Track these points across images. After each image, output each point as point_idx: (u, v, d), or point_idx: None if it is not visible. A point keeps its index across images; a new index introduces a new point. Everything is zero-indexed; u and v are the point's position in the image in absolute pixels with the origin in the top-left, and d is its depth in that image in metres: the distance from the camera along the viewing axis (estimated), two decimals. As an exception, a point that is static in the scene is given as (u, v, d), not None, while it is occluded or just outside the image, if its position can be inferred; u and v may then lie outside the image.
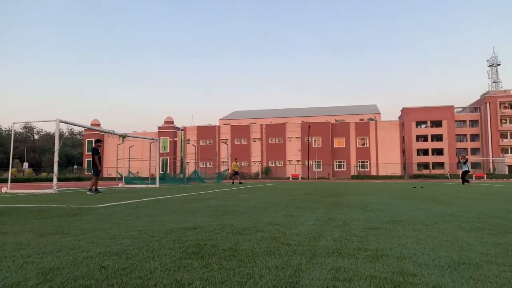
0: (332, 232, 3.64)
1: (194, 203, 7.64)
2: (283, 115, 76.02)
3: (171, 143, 70.93)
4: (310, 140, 61.62)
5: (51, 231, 3.80)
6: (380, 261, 2.46)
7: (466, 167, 20.88)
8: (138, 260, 2.50)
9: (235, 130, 66.81)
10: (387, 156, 61.50)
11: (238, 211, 5.76)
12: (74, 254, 2.67)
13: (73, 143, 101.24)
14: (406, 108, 77.51)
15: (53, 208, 6.55)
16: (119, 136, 18.32)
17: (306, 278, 2.06)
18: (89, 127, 17.37)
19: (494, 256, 2.59)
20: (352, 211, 5.73)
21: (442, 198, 9.02)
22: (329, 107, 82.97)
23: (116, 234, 3.56)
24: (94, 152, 12.78)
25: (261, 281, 2.00)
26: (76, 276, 2.10)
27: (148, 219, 4.76)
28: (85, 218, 4.90)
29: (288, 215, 5.23)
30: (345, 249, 2.85)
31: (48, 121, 15.23)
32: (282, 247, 2.93)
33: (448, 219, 4.67)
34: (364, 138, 63.32)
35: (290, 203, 7.46)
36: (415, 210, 5.96)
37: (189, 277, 2.09)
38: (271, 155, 64.81)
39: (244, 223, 4.32)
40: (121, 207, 6.62)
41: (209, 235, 3.48)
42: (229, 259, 2.52)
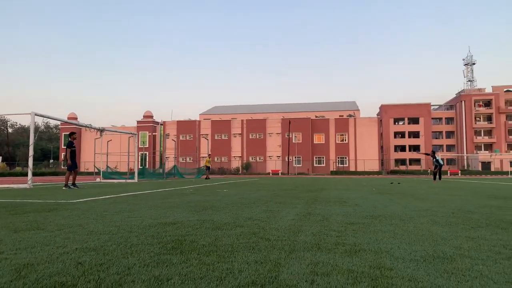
0: (311, 227, 3.68)
1: (173, 198, 7.58)
2: (264, 110, 76.10)
3: (150, 138, 70.09)
4: (290, 135, 61.96)
5: (26, 226, 3.70)
6: (357, 255, 2.50)
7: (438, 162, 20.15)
8: (116, 256, 2.46)
9: (216, 125, 66.52)
10: (366, 152, 62.45)
11: (218, 207, 5.74)
12: (49, 250, 2.62)
13: (49, 137, 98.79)
14: (385, 105, 78.77)
15: (28, 203, 6.38)
16: (96, 130, 17.97)
17: (285, 272, 2.08)
18: (65, 120, 16.95)
19: (467, 250, 2.67)
20: (331, 206, 5.80)
21: (418, 193, 9.22)
22: (309, 103, 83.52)
23: (93, 230, 3.50)
24: (69, 145, 12.35)
25: (241, 276, 2.00)
26: (51, 273, 2.05)
27: (126, 215, 4.70)
28: (61, 214, 4.80)
29: (268, 210, 5.25)
30: (323, 243, 2.88)
31: (22, 114, 14.81)
32: (262, 242, 2.94)
33: (424, 214, 4.78)
34: (343, 134, 64.07)
35: (270, 198, 7.49)
36: (392, 205, 6.08)
37: (168, 272, 2.07)
38: (252, 151, 64.86)
39: (224, 219, 4.31)
40: (99, 202, 6.50)
41: (188, 231, 3.46)
42: (208, 254, 2.52)
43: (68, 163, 12.21)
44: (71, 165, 12.17)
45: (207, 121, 68.16)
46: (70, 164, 12.20)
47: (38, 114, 13.64)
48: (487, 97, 76.88)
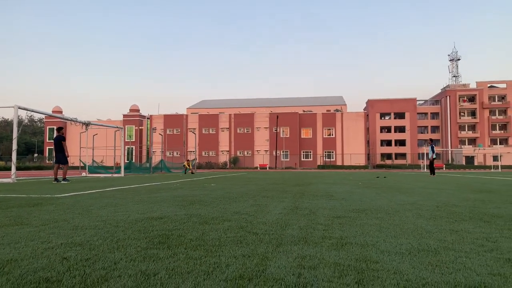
0: (298, 221, 3.69)
1: (160, 192, 7.53)
2: (252, 105, 76.02)
3: (137, 132, 69.48)
4: (278, 130, 62.09)
5: (9, 222, 3.64)
6: (344, 248, 2.53)
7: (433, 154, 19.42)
8: (102, 250, 2.44)
9: (203, 119, 66.25)
10: (352, 146, 62.99)
11: (205, 201, 5.73)
12: (33, 246, 2.58)
13: (33, 131, 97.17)
14: (371, 100, 79.43)
15: (11, 198, 6.27)
16: (82, 124, 17.73)
17: (272, 266, 2.09)
18: (50, 114, 16.66)
19: (451, 243, 2.72)
20: (318, 200, 5.84)
21: (404, 187, 9.35)
22: (297, 98, 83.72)
23: (79, 225, 3.45)
24: (63, 139, 12.46)
25: (228, 270, 2.00)
26: (35, 268, 2.02)
27: (113, 209, 4.65)
28: (46, 208, 4.73)
29: (255, 204, 5.26)
30: (310, 237, 2.90)
31: (6, 107, 14.51)
32: (249, 236, 2.94)
33: (409, 208, 4.85)
34: (330, 128, 64.47)
35: (258, 192, 7.51)
36: (378, 199, 6.14)
37: (154, 267, 2.06)
38: (239, 145, 64.83)
39: (211, 213, 4.31)
40: (84, 197, 6.43)
41: (175, 225, 3.45)
42: (195, 248, 2.51)
43: (68, 156, 12.50)
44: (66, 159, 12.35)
45: (194, 115, 67.82)
46: (69, 157, 12.59)
47: (21, 107, 13.38)
48: (472, 92, 78.13)
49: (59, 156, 12.40)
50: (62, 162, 12.35)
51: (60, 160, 12.39)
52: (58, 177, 12.16)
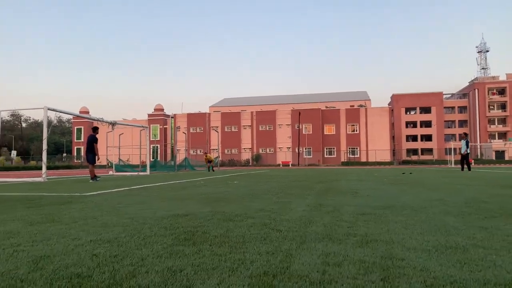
0: (322, 218, 3.68)
1: (185, 190, 7.64)
2: (274, 102, 75.88)
3: (162, 131, 70.52)
4: (300, 127, 61.78)
5: (41, 219, 3.77)
6: (369, 246, 2.50)
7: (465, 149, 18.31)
8: (130, 247, 2.50)
9: (225, 117, 66.60)
10: (377, 142, 62.00)
11: (228, 198, 5.78)
12: (65, 242, 2.67)
13: (62, 131, 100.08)
14: (396, 95, 77.94)
15: (42, 196, 6.50)
16: (108, 124, 18.14)
17: (296, 263, 2.09)
18: (77, 114, 17.14)
19: (480, 240, 2.65)
20: (342, 197, 5.79)
21: (431, 183, 9.15)
22: (319, 93, 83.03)
23: (107, 222, 3.55)
24: (95, 140, 12.81)
25: (252, 267, 2.02)
26: (67, 264, 2.10)
27: (139, 207, 4.75)
28: (75, 206, 4.88)
29: (278, 201, 5.26)
30: (335, 234, 2.89)
31: (36, 109, 15.01)
32: (273, 233, 2.95)
33: (436, 204, 4.75)
34: (354, 124, 63.64)
35: (281, 189, 7.51)
36: (404, 195, 6.04)
37: (180, 263, 2.10)
38: (262, 142, 64.87)
39: (235, 210, 4.34)
40: (112, 195, 6.59)
41: (200, 222, 3.50)
42: (220, 245, 2.54)
43: (98, 156, 12.83)
44: (94, 159, 12.70)
45: (217, 113, 68.27)
46: (99, 157, 12.93)
47: (50, 108, 13.81)
48: (501, 85, 75.48)
49: (88, 156, 12.74)
50: (90, 161, 12.67)
51: (88, 159, 12.72)
52: (97, 175, 12.57)
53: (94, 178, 12.13)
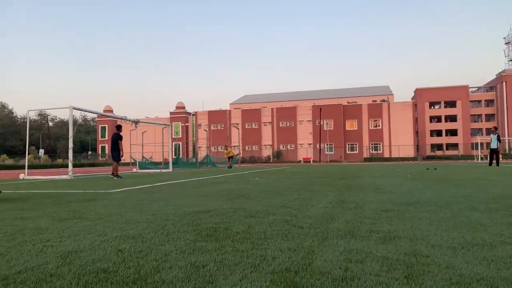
0: (344, 215, 3.65)
1: (206, 187, 7.71)
2: (294, 98, 75.54)
3: (183, 128, 71.30)
4: (321, 123, 61.30)
5: (69, 215, 3.89)
6: (392, 242, 2.47)
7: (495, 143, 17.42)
8: (154, 243, 2.55)
9: (246, 114, 66.74)
10: (400, 137, 60.93)
11: (250, 195, 5.80)
12: (91, 238, 2.74)
13: (87, 130, 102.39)
14: (419, 89, 76.30)
15: (69, 193, 6.68)
16: (131, 122, 18.46)
17: (318, 259, 2.09)
18: (102, 113, 17.54)
19: (508, 237, 2.58)
20: (364, 194, 5.73)
21: (456, 179, 8.94)
22: (340, 89, 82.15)
23: (132, 218, 3.63)
24: (119, 138, 13.05)
25: (274, 263, 2.03)
26: (94, 259, 2.16)
27: (163, 203, 4.83)
28: (101, 203, 5.00)
29: (300, 198, 5.25)
30: (357, 231, 2.86)
31: (61, 108, 15.42)
32: (295, 229, 2.95)
33: (462, 200, 4.64)
34: (376, 120, 62.72)
35: (302, 186, 7.48)
36: (428, 191, 5.93)
37: (203, 259, 2.13)
38: (282, 139, 64.73)
39: (256, 206, 4.36)
40: (136, 192, 6.72)
41: (222, 218, 3.53)
42: (242, 241, 2.56)
43: (122, 153, 13.06)
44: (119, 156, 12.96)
45: (237, 111, 68.49)
46: (123, 154, 13.15)
47: (76, 107, 14.16)
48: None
49: (113, 153, 13.00)
50: (115, 159, 12.93)
51: (114, 157, 12.97)
52: (119, 173, 12.83)
53: (117, 176, 12.37)
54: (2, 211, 4.32)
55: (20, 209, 4.47)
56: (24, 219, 3.72)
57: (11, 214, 4.10)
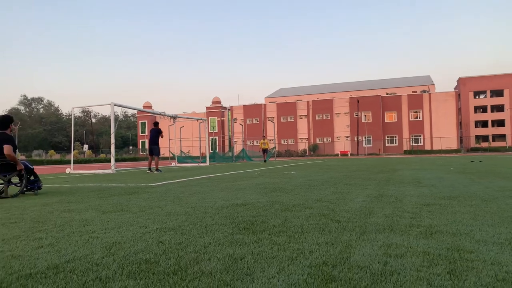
0: (383, 209, 3.58)
1: (243, 180, 7.78)
2: (330, 90, 74.42)
3: (219, 123, 72.12)
4: (359, 115, 60.08)
5: (112, 208, 4.05)
6: (434, 237, 2.40)
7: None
8: (193, 235, 2.62)
9: (281, 108, 66.50)
10: (442, 129, 58.64)
11: (286, 188, 5.80)
12: (133, 230, 2.85)
13: (128, 125, 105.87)
14: (463, 78, 72.98)
15: (112, 187, 6.95)
16: (170, 117, 18.88)
17: (357, 254, 2.06)
18: (141, 109, 18.01)
19: (561, 233, 2.44)
20: (404, 187, 5.59)
21: (503, 172, 8.51)
22: (379, 80, 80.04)
23: (171, 211, 3.73)
24: (159, 131, 13.38)
25: (312, 257, 2.03)
26: (136, 250, 2.24)
27: (200, 196, 4.93)
28: (142, 196, 5.17)
29: (337, 192, 5.19)
30: (397, 225, 2.80)
31: (103, 105, 16.02)
32: (332, 223, 2.93)
33: (509, 194, 4.42)
34: (417, 111, 60.65)
35: (339, 180, 7.39)
36: (472, 185, 5.69)
37: (241, 251, 2.16)
38: (319, 132, 64.02)
39: (292, 200, 4.36)
40: (175, 185, 6.89)
41: (258, 212, 3.56)
42: (279, 234, 2.57)
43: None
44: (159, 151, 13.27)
45: (272, 104, 68.36)
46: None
47: (117, 104, 14.66)
48: None
49: (154, 148, 13.32)
50: (155, 153, 13.27)
51: (154, 151, 13.30)
52: (152, 167, 13.18)
53: (158, 170, 12.71)
54: (51, 204, 4.57)
55: (68, 202, 4.71)
56: (71, 211, 3.92)
57: (59, 206, 4.33)
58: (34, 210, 4.09)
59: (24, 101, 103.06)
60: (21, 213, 3.85)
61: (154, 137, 13.40)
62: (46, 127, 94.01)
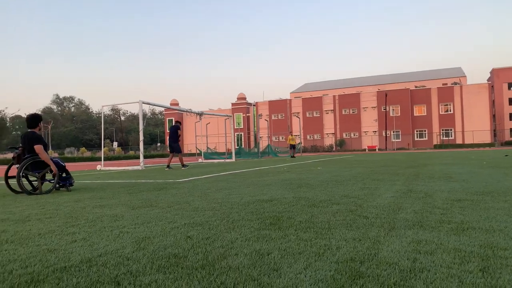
0: (412, 205, 3.51)
1: (268, 176, 7.79)
2: (357, 84, 73.22)
3: (245, 119, 72.33)
4: (387, 109, 58.90)
5: (141, 204, 4.15)
6: (465, 234, 2.34)
7: None
8: (220, 230, 2.65)
9: (307, 103, 66.00)
10: (475, 122, 56.72)
11: (312, 184, 5.77)
12: (162, 225, 2.91)
13: (155, 122, 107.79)
14: (497, 69, 70.23)
15: (141, 183, 7.11)
16: (196, 114, 19.10)
17: (385, 250, 2.04)
18: (168, 106, 18.34)
19: None
20: (434, 182, 5.45)
21: (540, 166, 8.17)
22: (407, 72, 78.11)
23: (199, 206, 3.78)
24: (178, 127, 13.32)
25: (339, 253, 2.01)
26: (165, 245, 2.29)
27: (227, 192, 4.98)
28: (170, 192, 5.27)
29: (364, 187, 5.12)
30: (426, 221, 2.74)
31: (132, 103, 16.37)
32: (359, 219, 2.90)
33: (547, 190, 4.24)
34: (447, 104, 58.89)
35: (367, 175, 7.28)
36: (507, 180, 5.49)
37: (268, 247, 2.17)
38: (345, 127, 63.20)
39: (319, 196, 4.33)
40: (202, 181, 6.98)
41: (285, 207, 3.56)
42: (305, 230, 2.57)
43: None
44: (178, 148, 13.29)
45: (298, 99, 67.94)
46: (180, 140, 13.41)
47: (145, 102, 14.95)
48: None
49: (173, 146, 13.33)
50: (175, 151, 13.27)
51: (174, 149, 13.31)
52: (171, 164, 13.19)
53: (184, 166, 12.79)
54: (83, 200, 4.73)
55: (99, 198, 4.86)
56: (103, 207, 4.04)
57: (91, 202, 4.47)
58: (68, 206, 4.23)
59: (57, 100, 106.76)
60: (56, 209, 4.00)
61: (172, 134, 13.36)
62: (77, 125, 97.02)
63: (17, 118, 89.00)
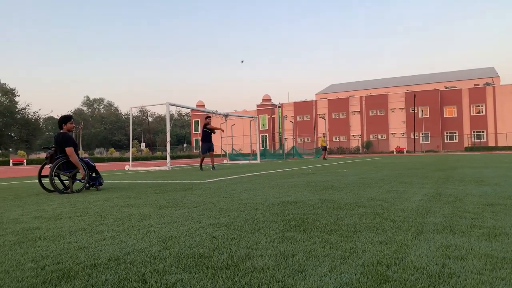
0: (441, 208, 3.42)
1: (293, 178, 7.76)
2: (385, 85, 71.89)
3: (270, 120, 72.34)
4: (416, 110, 57.58)
5: (168, 204, 4.22)
6: (498, 239, 2.26)
7: None
8: (245, 231, 2.66)
9: (332, 104, 65.35)
10: (508, 124, 54.65)
11: (338, 186, 5.71)
12: (188, 225, 2.95)
13: (182, 124, 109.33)
14: (532, 69, 67.37)
15: (168, 183, 7.23)
16: (222, 116, 19.26)
17: (412, 254, 1.99)
18: (194, 108, 18.58)
19: None
20: (465, 186, 5.29)
21: None
22: (437, 73, 76.10)
23: (224, 207, 3.81)
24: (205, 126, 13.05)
25: (365, 256, 1.99)
26: (191, 245, 2.32)
27: (252, 193, 4.99)
28: (196, 192, 5.33)
29: (392, 190, 5.03)
30: (456, 226, 2.67)
31: (159, 105, 16.69)
32: (386, 223, 2.85)
33: None
34: (479, 105, 57.02)
35: (394, 178, 7.15)
36: (543, 184, 5.26)
37: (292, 249, 2.16)
38: (372, 128, 62.19)
39: (344, 198, 4.28)
40: (227, 182, 7.03)
41: (310, 209, 3.54)
42: (331, 233, 2.54)
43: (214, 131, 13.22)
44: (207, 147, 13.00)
45: (323, 101, 67.38)
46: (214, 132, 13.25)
47: (172, 103, 15.21)
48: None
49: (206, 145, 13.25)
50: (201, 151, 13.29)
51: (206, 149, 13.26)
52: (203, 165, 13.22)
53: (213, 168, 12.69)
54: (112, 199, 4.85)
55: (127, 197, 4.97)
56: (130, 206, 4.13)
57: (119, 201, 4.58)
58: (97, 204, 4.36)
59: (87, 102, 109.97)
60: (85, 208, 4.13)
61: (202, 135, 13.31)
62: (106, 126, 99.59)
63: (49, 119, 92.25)
